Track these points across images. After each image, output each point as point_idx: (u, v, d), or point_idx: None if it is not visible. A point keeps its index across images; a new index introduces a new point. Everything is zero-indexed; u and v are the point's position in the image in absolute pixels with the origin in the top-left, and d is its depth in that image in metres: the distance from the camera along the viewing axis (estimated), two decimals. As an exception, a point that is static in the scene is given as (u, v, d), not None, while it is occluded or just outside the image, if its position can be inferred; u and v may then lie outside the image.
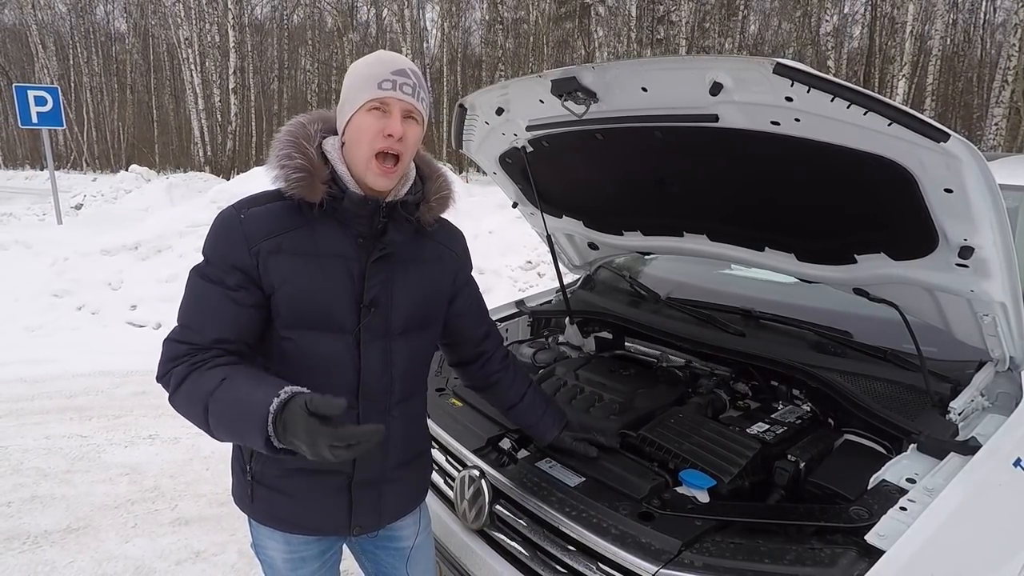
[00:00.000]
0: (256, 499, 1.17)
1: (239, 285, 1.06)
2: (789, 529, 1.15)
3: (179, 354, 1.04)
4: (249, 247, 1.05)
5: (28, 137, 28.71)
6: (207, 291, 1.06)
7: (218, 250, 1.07)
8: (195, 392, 1.00)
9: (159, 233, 6.21)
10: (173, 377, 1.03)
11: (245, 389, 0.97)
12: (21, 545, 2.46)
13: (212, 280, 1.06)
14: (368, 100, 1.05)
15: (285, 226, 1.07)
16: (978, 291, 1.21)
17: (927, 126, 0.95)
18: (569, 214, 2.08)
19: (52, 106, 8.56)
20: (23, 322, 5.11)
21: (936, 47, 14.48)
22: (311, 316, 1.08)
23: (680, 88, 1.23)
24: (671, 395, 1.68)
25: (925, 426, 1.30)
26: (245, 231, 1.06)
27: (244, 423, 0.94)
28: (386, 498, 1.22)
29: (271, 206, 1.09)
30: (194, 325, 1.06)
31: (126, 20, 29.31)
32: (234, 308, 1.06)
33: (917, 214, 1.15)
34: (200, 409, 0.99)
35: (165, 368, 1.05)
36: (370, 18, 27.35)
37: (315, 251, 1.08)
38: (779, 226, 1.53)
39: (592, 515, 1.22)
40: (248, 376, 1.01)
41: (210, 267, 1.07)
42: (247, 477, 1.17)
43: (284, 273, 1.06)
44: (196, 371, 1.02)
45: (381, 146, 1.05)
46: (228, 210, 1.10)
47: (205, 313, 1.06)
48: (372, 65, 1.08)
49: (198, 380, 1.01)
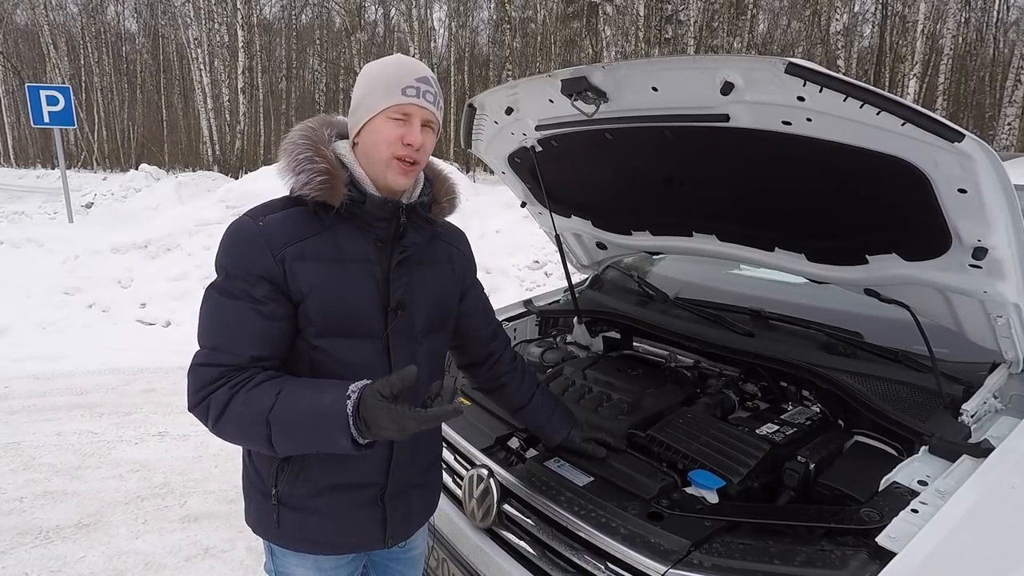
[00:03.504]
0: (283, 523, 1.11)
1: (267, 297, 1.01)
2: (799, 530, 1.14)
3: (213, 378, 0.99)
4: (273, 254, 1.01)
5: (40, 136, 28.99)
6: (232, 308, 1.01)
7: (240, 262, 1.02)
8: (249, 413, 0.96)
9: (168, 231, 6.25)
10: (213, 404, 0.98)
11: (308, 398, 0.95)
12: (34, 540, 2.49)
13: (236, 295, 1.01)
14: (391, 106, 1.04)
15: (305, 232, 1.04)
16: (992, 292, 1.20)
17: (942, 126, 0.94)
18: (578, 214, 2.07)
19: (63, 105, 8.62)
20: (35, 319, 5.16)
21: (948, 46, 14.36)
22: (341, 323, 1.05)
23: (691, 88, 1.23)
24: (680, 395, 1.68)
25: (937, 428, 1.29)
26: (267, 238, 1.01)
27: (321, 431, 0.93)
28: (414, 504, 1.22)
29: (288, 212, 1.05)
30: (225, 346, 1.00)
31: (136, 20, 29.56)
32: (264, 323, 1.01)
33: (930, 214, 1.14)
34: (260, 429, 0.95)
35: (199, 396, 0.99)
36: (378, 18, 27.41)
37: (338, 256, 1.05)
38: (789, 226, 1.52)
39: (601, 515, 1.22)
40: (303, 385, 0.99)
41: (232, 281, 1.02)
42: (271, 501, 1.10)
43: (311, 280, 1.03)
44: (241, 392, 0.97)
45: (400, 153, 1.05)
46: (242, 220, 1.05)
47: (235, 331, 1.00)
48: (394, 69, 1.06)
49: (248, 401, 0.96)
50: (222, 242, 1.05)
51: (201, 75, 20.52)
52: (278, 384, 0.99)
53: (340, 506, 1.11)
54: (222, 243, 1.04)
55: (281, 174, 1.07)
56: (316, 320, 1.04)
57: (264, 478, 1.12)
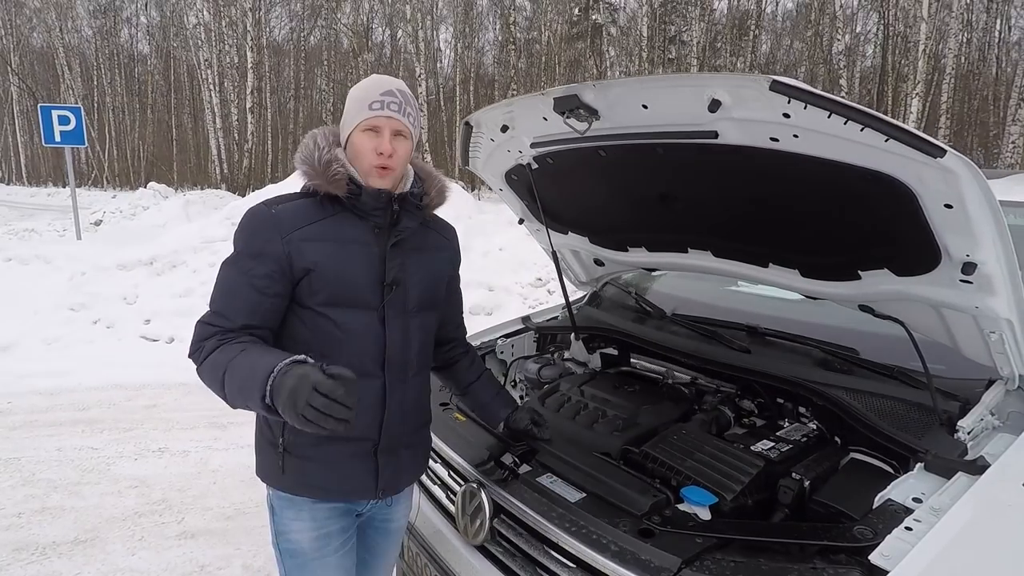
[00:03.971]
0: (287, 470, 1.25)
1: (266, 275, 1.18)
2: (792, 548, 1.12)
3: (209, 334, 1.17)
4: (282, 236, 1.18)
5: (51, 155, 29.41)
6: (236, 280, 1.19)
7: (250, 242, 1.20)
8: (218, 361, 1.12)
9: (174, 249, 6.31)
10: (203, 351, 1.15)
11: (257, 355, 1.09)
12: (30, 556, 2.48)
13: (241, 270, 1.19)
14: (361, 121, 1.23)
15: (312, 218, 1.22)
16: (983, 308, 1.20)
17: (923, 142, 0.95)
18: (574, 230, 2.09)
19: (75, 125, 8.77)
20: (41, 335, 5.20)
21: (950, 65, 14.44)
22: (343, 294, 1.22)
23: (680, 105, 1.24)
24: (675, 411, 1.67)
25: (932, 445, 1.28)
26: (277, 222, 1.20)
27: (246, 384, 1.05)
28: (404, 462, 1.35)
29: (298, 202, 1.24)
30: (224, 311, 1.18)
31: (149, 43, 30.13)
32: (259, 296, 1.18)
33: (919, 230, 1.15)
34: (220, 374, 1.10)
35: (196, 345, 1.18)
36: (385, 39, 27.88)
37: (340, 238, 1.22)
38: (782, 242, 1.53)
39: (592, 531, 1.21)
40: (266, 350, 1.14)
41: (240, 257, 1.20)
42: (278, 449, 1.25)
43: (316, 257, 1.19)
44: (223, 345, 1.15)
45: (376, 162, 1.23)
46: (258, 207, 1.23)
47: (233, 301, 1.18)
48: (365, 87, 1.26)
49: (223, 352, 1.13)
50: (240, 225, 1.23)
51: (211, 95, 20.87)
52: (249, 345, 1.14)
53: (337, 456, 1.25)
54: (240, 225, 1.23)
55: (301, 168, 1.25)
56: (320, 290, 1.21)
57: (273, 429, 1.26)
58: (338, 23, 22.86)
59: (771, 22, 25.09)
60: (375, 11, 25.97)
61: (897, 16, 19.40)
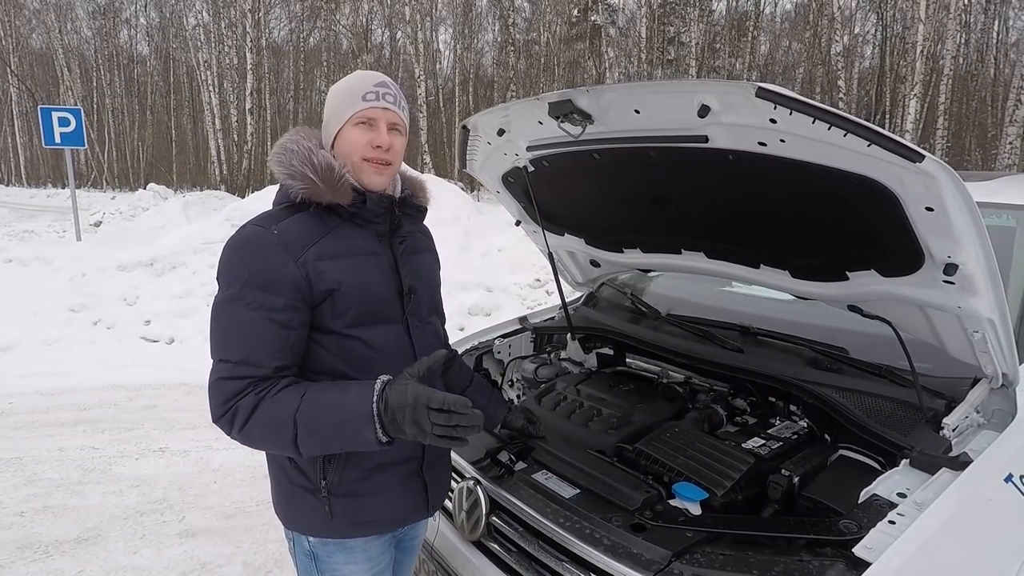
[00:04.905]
0: (337, 513, 1.14)
1: (287, 306, 1.04)
2: (779, 542, 1.16)
3: (239, 390, 1.01)
4: (295, 259, 1.05)
5: (51, 156, 29.44)
6: (250, 319, 1.03)
7: (257, 271, 1.04)
8: (276, 414, 1.00)
9: (174, 250, 6.34)
10: (240, 411, 1.00)
11: (334, 395, 1.01)
12: (33, 554, 2.51)
13: (254, 306, 1.03)
14: (354, 113, 1.13)
15: (317, 234, 1.10)
16: (965, 308, 1.23)
17: (902, 147, 0.98)
18: (570, 232, 2.12)
19: (75, 127, 8.80)
20: (41, 336, 5.23)
21: (948, 66, 14.50)
22: (370, 311, 1.13)
23: (670, 111, 1.27)
24: (669, 410, 1.70)
25: (918, 442, 1.31)
26: (285, 244, 1.06)
27: (347, 424, 0.99)
28: (444, 474, 1.32)
29: (295, 218, 1.10)
30: (250, 358, 1.02)
31: (148, 44, 30.15)
32: (284, 332, 1.04)
33: (902, 232, 1.18)
34: (287, 429, 0.99)
35: (224, 408, 1.01)
36: (384, 40, 27.92)
37: (350, 252, 1.12)
38: (772, 244, 1.56)
39: (585, 526, 1.24)
40: (327, 386, 1.05)
41: (249, 292, 1.03)
42: (321, 494, 1.13)
43: (337, 275, 1.09)
44: (267, 398, 1.01)
45: (370, 155, 1.13)
46: (252, 230, 1.07)
47: (257, 344, 1.03)
48: (354, 80, 1.16)
49: (275, 404, 1.00)
50: (232, 254, 1.07)
51: (210, 96, 20.91)
52: (302, 387, 1.04)
53: (388, 483, 1.18)
54: (233, 255, 1.07)
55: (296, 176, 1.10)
56: (347, 312, 1.10)
57: (310, 475, 1.14)
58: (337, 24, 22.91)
59: (770, 23, 25.15)
60: (374, 12, 26.03)
61: (895, 17, 19.47)
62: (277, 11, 26.20)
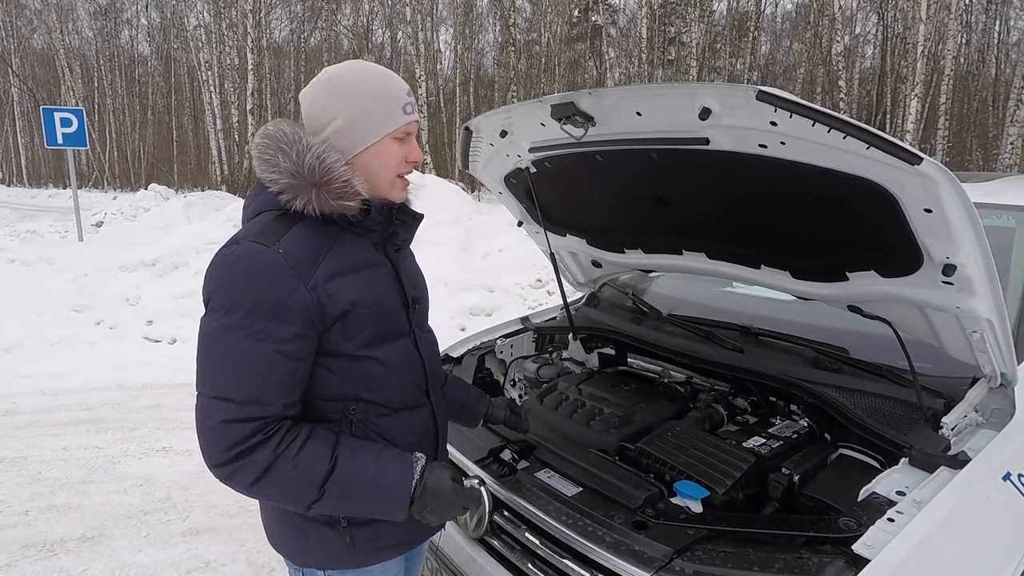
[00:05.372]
0: (359, 542, 1.08)
1: (297, 335, 0.93)
2: (780, 539, 1.17)
3: (246, 435, 0.90)
4: (305, 282, 0.94)
5: (52, 156, 29.50)
6: (257, 352, 0.91)
7: (263, 296, 0.92)
8: (300, 479, 0.92)
9: (176, 250, 6.36)
10: (250, 466, 0.90)
11: (372, 471, 0.97)
12: (38, 552, 2.53)
13: (259, 337, 0.91)
14: (399, 127, 1.05)
15: (321, 249, 0.99)
16: (964, 308, 1.24)
17: (901, 150, 1.00)
18: (572, 233, 2.13)
19: (77, 127, 8.82)
20: (44, 336, 5.24)
21: (949, 67, 14.50)
22: (383, 328, 1.06)
23: (672, 113, 1.29)
24: (670, 409, 1.72)
25: (917, 441, 1.32)
26: (295, 265, 0.94)
27: (381, 505, 0.99)
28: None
29: (295, 231, 0.98)
30: (257, 397, 0.91)
31: (149, 44, 30.19)
32: (292, 365, 0.94)
33: (901, 233, 1.19)
34: (309, 495, 0.93)
35: (230, 455, 0.89)
36: (385, 40, 27.92)
37: (355, 266, 1.03)
38: (773, 244, 1.57)
39: (588, 524, 1.25)
40: (357, 451, 0.99)
41: (252, 320, 0.91)
42: (341, 526, 1.07)
43: (349, 295, 0.99)
44: (284, 455, 0.91)
45: (405, 171, 1.09)
46: (255, 248, 0.94)
47: (265, 380, 0.92)
48: (389, 88, 1.05)
49: (297, 467, 0.91)
50: (231, 275, 0.94)
51: (211, 97, 20.94)
52: (326, 447, 0.95)
53: None
54: (232, 277, 0.93)
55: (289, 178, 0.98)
56: (359, 331, 1.01)
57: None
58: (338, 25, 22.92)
59: (770, 23, 25.15)
60: (375, 13, 26.05)
61: (896, 17, 19.46)
62: (278, 11, 26.23)
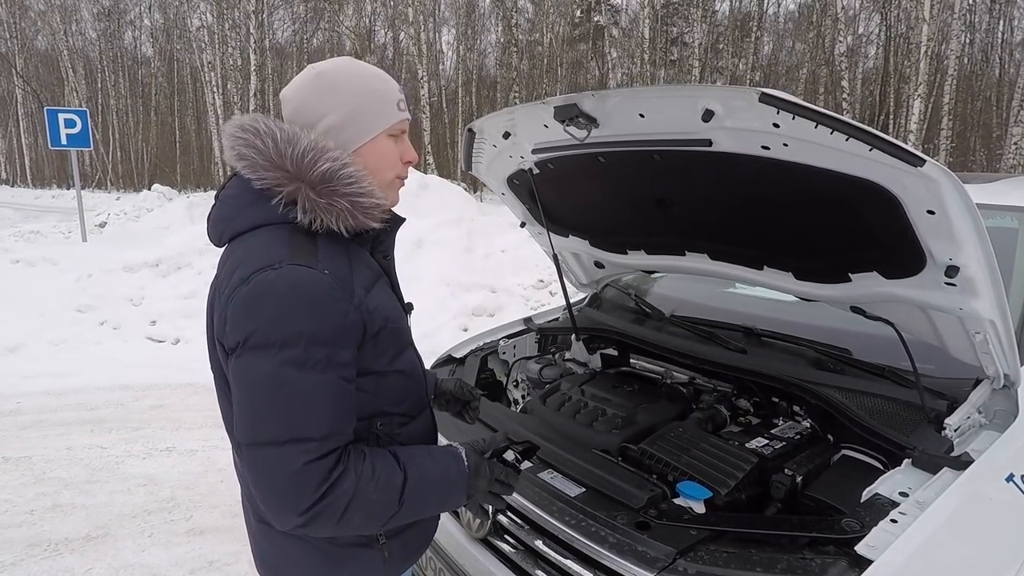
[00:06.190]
0: (392, 555, 1.07)
1: (352, 359, 0.92)
2: (782, 540, 1.17)
3: (330, 468, 0.86)
4: (356, 303, 0.92)
5: (56, 157, 29.60)
6: (323, 384, 0.87)
7: (322, 324, 0.87)
8: (381, 498, 0.91)
9: (179, 251, 6.38)
10: (340, 499, 0.86)
11: (439, 469, 0.99)
12: (43, 552, 2.54)
13: (321, 367, 0.87)
14: (393, 124, 1.02)
15: (348, 264, 0.96)
16: (967, 309, 1.24)
17: (904, 151, 1.00)
18: (575, 233, 2.13)
19: (80, 128, 8.86)
20: (48, 336, 5.26)
21: (952, 67, 14.47)
22: (404, 339, 1.05)
23: (675, 115, 1.29)
24: (673, 410, 1.72)
25: (920, 442, 1.32)
26: (343, 287, 0.91)
27: (448, 499, 1.02)
28: None
29: (324, 248, 0.94)
30: (335, 430, 0.88)
31: (152, 45, 30.31)
32: (351, 387, 0.92)
33: (904, 234, 1.19)
34: (388, 511, 0.92)
35: (318, 492, 0.84)
36: (387, 41, 27.98)
37: (372, 280, 1.00)
38: (775, 246, 1.58)
39: (591, 524, 1.25)
40: (417, 455, 0.99)
41: (316, 349, 0.86)
42: (379, 543, 1.05)
43: (382, 310, 0.98)
44: (363, 477, 0.89)
45: (402, 172, 1.06)
46: (304, 272, 0.88)
47: (338, 410, 0.90)
48: (381, 84, 1.02)
49: (376, 486, 0.90)
50: (281, 304, 0.86)
51: (214, 97, 20.99)
52: (386, 457, 0.95)
53: None
54: (283, 306, 0.86)
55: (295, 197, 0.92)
56: (389, 346, 0.99)
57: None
58: (341, 25, 22.97)
59: (773, 23, 25.14)
60: (377, 13, 26.11)
61: (899, 17, 19.44)
62: (280, 12, 26.30)
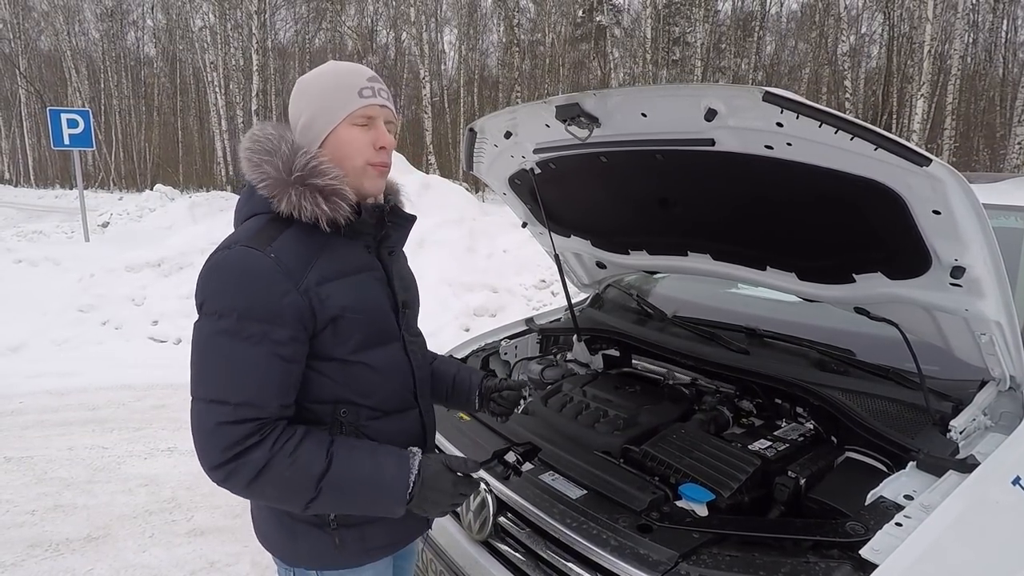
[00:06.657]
0: (345, 543, 1.09)
1: (291, 338, 0.95)
2: (786, 543, 1.16)
3: (243, 436, 0.92)
4: (297, 287, 0.96)
5: (58, 157, 29.64)
6: (254, 355, 0.93)
7: (256, 300, 0.93)
8: (296, 476, 0.93)
9: (181, 250, 6.38)
10: (247, 465, 0.91)
11: (369, 468, 0.98)
12: (44, 552, 2.54)
13: (254, 340, 0.93)
14: (353, 112, 1.03)
15: (312, 253, 1.00)
16: (973, 310, 1.23)
17: (909, 151, 0.99)
18: (577, 234, 2.12)
19: (83, 128, 8.86)
20: (50, 336, 5.27)
21: (955, 66, 14.41)
22: (374, 333, 1.06)
23: (677, 114, 1.28)
24: (675, 411, 1.71)
25: (925, 444, 1.31)
26: (286, 271, 0.95)
27: (379, 502, 1.00)
28: None
29: (287, 235, 0.99)
30: (253, 399, 0.93)
31: (155, 45, 30.34)
32: (287, 367, 0.96)
33: (909, 235, 1.18)
34: (306, 493, 0.94)
35: (227, 455, 0.91)
36: (389, 41, 27.97)
37: (346, 270, 1.04)
38: (779, 246, 1.56)
39: (592, 527, 1.24)
40: (352, 449, 1.00)
41: (247, 324, 0.93)
42: (330, 527, 1.08)
43: (340, 300, 1.00)
44: (280, 453, 0.93)
45: (376, 159, 1.05)
46: (247, 252, 0.96)
47: (261, 382, 0.94)
48: (342, 75, 1.05)
49: (294, 464, 0.93)
50: (223, 279, 0.96)
51: (216, 97, 21.01)
52: (321, 444, 0.97)
53: None
54: (224, 280, 0.96)
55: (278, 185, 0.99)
56: (351, 336, 1.03)
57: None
58: (343, 25, 22.98)
59: (775, 23, 25.07)
60: (379, 14, 26.11)
61: (902, 17, 19.38)
62: (283, 12, 26.30)
